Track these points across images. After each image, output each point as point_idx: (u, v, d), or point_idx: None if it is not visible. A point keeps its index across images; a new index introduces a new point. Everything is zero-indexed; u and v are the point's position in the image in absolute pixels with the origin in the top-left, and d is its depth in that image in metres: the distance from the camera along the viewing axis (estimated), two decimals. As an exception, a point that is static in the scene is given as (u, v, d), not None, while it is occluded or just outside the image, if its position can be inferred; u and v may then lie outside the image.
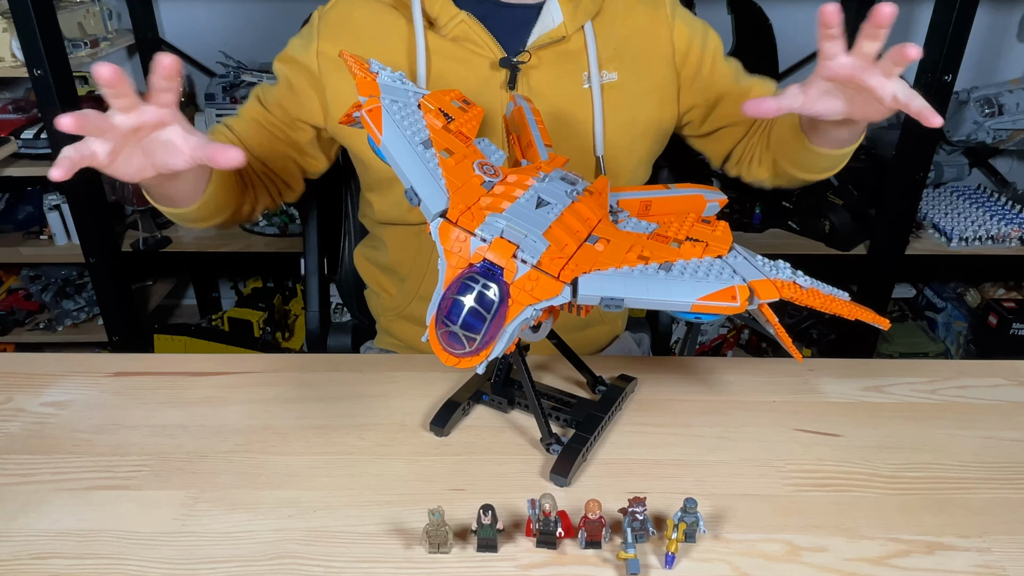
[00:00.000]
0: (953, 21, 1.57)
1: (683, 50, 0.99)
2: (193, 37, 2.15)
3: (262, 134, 0.99)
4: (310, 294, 1.22)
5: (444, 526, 0.62)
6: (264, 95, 1.00)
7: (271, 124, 0.99)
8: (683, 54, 0.99)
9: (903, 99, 0.71)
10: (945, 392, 0.86)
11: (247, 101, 1.01)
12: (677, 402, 0.83)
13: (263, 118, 0.99)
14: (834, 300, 0.65)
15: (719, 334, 2.24)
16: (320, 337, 1.21)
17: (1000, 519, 0.68)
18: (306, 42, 0.96)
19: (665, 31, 0.98)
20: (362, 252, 1.14)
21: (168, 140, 0.72)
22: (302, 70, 0.96)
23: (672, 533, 0.61)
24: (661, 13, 0.99)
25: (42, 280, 2.14)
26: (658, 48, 0.98)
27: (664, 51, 0.99)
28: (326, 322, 1.23)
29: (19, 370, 0.89)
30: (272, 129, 0.99)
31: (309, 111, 0.97)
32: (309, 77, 0.96)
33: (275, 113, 0.98)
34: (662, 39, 0.98)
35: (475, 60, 0.93)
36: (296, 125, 0.99)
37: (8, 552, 0.64)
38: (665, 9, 0.99)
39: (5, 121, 1.89)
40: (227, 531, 0.66)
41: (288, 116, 0.98)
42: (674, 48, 0.99)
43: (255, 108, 1.00)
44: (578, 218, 0.66)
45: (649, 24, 0.98)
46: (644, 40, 0.98)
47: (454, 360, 0.62)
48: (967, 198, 2.06)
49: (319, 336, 1.21)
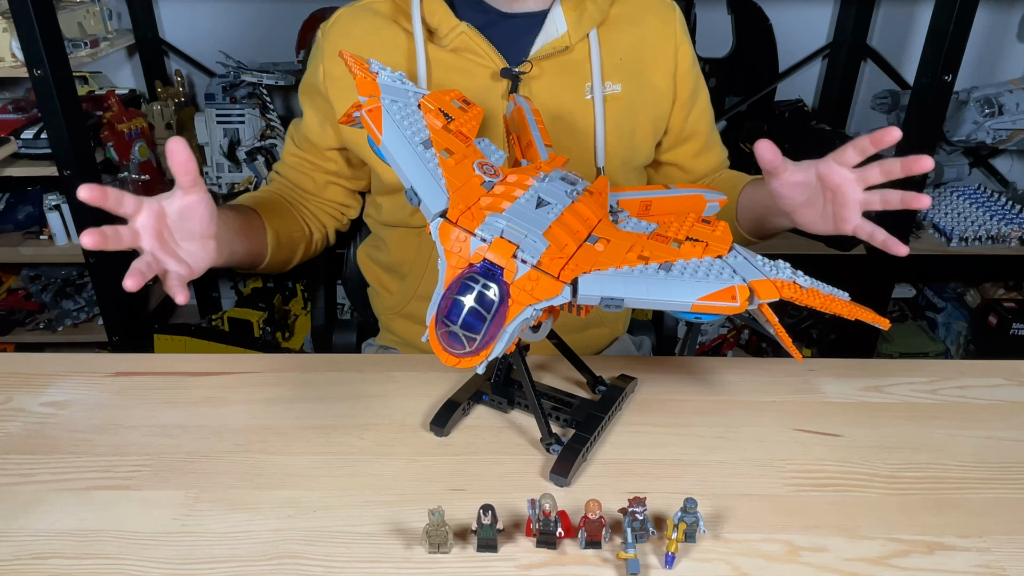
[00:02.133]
0: (953, 21, 1.57)
1: (685, 71, 1.00)
2: (193, 37, 2.15)
3: (302, 174, 1.04)
4: (316, 292, 1.24)
5: (444, 526, 0.62)
6: (296, 132, 1.04)
7: (306, 161, 1.04)
8: (684, 74, 1.00)
9: (867, 232, 0.74)
10: (945, 392, 0.86)
11: (285, 140, 1.07)
12: (677, 402, 0.83)
13: (298, 157, 1.04)
14: (834, 300, 0.65)
15: (719, 334, 2.24)
16: (325, 334, 1.23)
17: (1000, 519, 0.68)
18: (315, 65, 0.99)
19: (671, 46, 0.99)
20: (365, 251, 1.15)
21: (183, 207, 0.72)
22: (316, 94, 0.99)
23: (672, 533, 0.61)
24: (670, 28, 0.99)
25: (42, 280, 2.14)
26: (663, 61, 0.99)
27: (668, 65, 0.99)
28: (332, 319, 1.25)
29: (19, 370, 0.89)
30: (307, 167, 1.04)
31: (329, 135, 1.00)
32: (322, 100, 0.98)
33: (305, 149, 1.03)
34: (667, 53, 0.99)
35: (476, 70, 0.93)
36: (325, 156, 1.03)
37: (8, 552, 0.64)
38: (674, 25, 0.99)
39: (5, 121, 1.89)
40: (227, 531, 0.66)
41: (316, 149, 1.02)
42: (677, 65, 0.99)
43: (290, 148, 1.05)
44: (578, 218, 0.66)
45: (657, 36, 0.98)
46: (650, 51, 0.98)
47: (454, 360, 0.62)
48: (967, 198, 2.06)
49: (324, 333, 1.23)
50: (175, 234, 0.73)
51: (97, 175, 1.82)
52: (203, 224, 0.74)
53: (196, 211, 0.72)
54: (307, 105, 1.01)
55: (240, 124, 1.98)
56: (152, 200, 0.71)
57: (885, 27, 2.13)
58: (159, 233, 0.71)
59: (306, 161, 1.04)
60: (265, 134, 2.00)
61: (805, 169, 0.75)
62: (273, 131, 2.01)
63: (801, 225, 0.80)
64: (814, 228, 0.78)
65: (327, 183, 1.05)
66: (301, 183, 1.05)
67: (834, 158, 0.73)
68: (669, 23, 0.99)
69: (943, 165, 2.08)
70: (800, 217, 0.78)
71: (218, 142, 2.00)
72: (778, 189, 0.77)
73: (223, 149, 2.00)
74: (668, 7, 1.00)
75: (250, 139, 1.98)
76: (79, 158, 1.72)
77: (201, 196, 0.72)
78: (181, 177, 0.70)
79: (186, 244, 0.74)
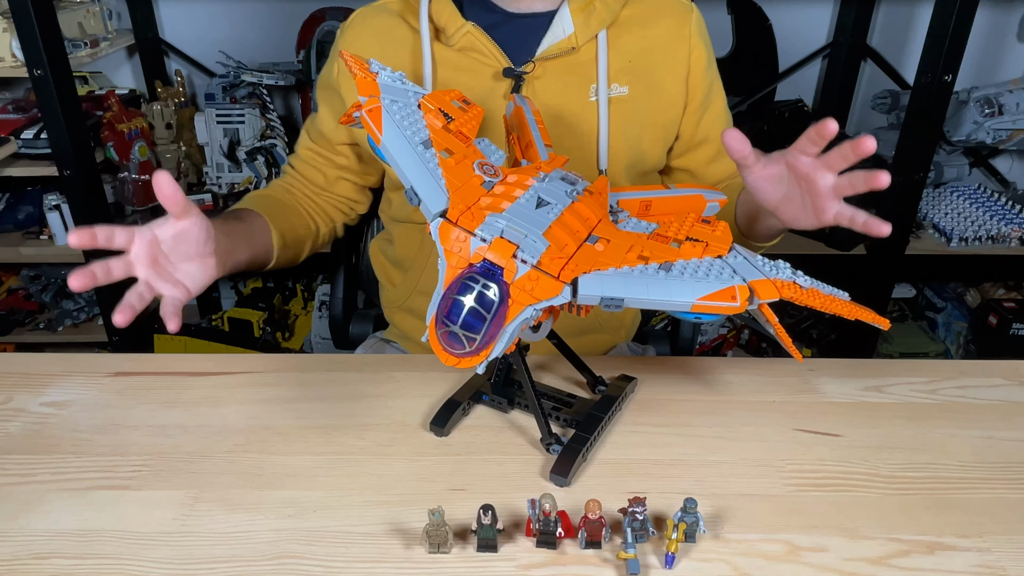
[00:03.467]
0: (953, 21, 1.57)
1: (699, 75, 0.98)
2: (193, 37, 2.15)
3: (313, 168, 1.06)
4: (336, 283, 1.27)
5: (444, 526, 0.62)
6: (311, 126, 1.06)
7: (318, 155, 1.05)
8: (698, 78, 0.98)
9: (847, 216, 0.72)
10: (945, 392, 0.86)
11: (301, 134, 1.08)
12: (677, 402, 0.83)
13: (311, 151, 1.06)
14: (834, 300, 0.65)
15: (719, 334, 2.24)
16: (343, 324, 1.25)
17: (1000, 519, 0.68)
18: (331, 61, 1.00)
19: (684, 49, 0.97)
20: (377, 245, 1.16)
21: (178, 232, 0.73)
22: (330, 89, 1.00)
23: (672, 533, 0.61)
24: (684, 30, 0.97)
25: (42, 280, 2.14)
26: (675, 64, 0.97)
27: (680, 69, 0.97)
28: (350, 309, 1.27)
29: (19, 370, 0.89)
30: (320, 162, 1.05)
31: (341, 130, 1.01)
32: (336, 96, 1.00)
33: (319, 143, 1.05)
34: (679, 57, 0.97)
35: (480, 70, 0.93)
36: (337, 150, 1.04)
37: (8, 552, 0.64)
38: (689, 27, 0.97)
39: (5, 121, 1.89)
40: (227, 531, 0.66)
41: (329, 143, 1.03)
42: (690, 69, 0.97)
43: (304, 142, 1.07)
44: (578, 218, 0.66)
45: (671, 39, 0.96)
46: (662, 55, 0.96)
47: (454, 360, 0.62)
48: (967, 198, 2.06)
49: (342, 323, 1.25)
50: (171, 257, 0.73)
51: (97, 175, 1.82)
52: (199, 245, 0.74)
53: (190, 234, 0.73)
54: (322, 101, 1.03)
55: (240, 124, 1.98)
56: (145, 228, 0.71)
57: (885, 27, 2.13)
58: (154, 260, 0.71)
59: (318, 155, 1.05)
60: (265, 134, 2.00)
61: (776, 161, 0.73)
62: (273, 131, 2.02)
63: (787, 223, 0.78)
64: (799, 223, 0.77)
65: (338, 178, 1.06)
66: (312, 177, 1.06)
67: (796, 147, 0.72)
68: (684, 25, 0.97)
69: (943, 165, 2.08)
70: (783, 214, 0.77)
71: (218, 142, 2.00)
72: (754, 183, 0.76)
73: (223, 149, 2.00)
74: (685, 8, 0.98)
75: (250, 139, 1.98)
76: (79, 158, 1.72)
77: (194, 220, 0.73)
78: (170, 208, 0.71)
79: (184, 266, 0.74)
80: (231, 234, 0.87)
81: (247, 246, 0.92)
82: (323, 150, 1.04)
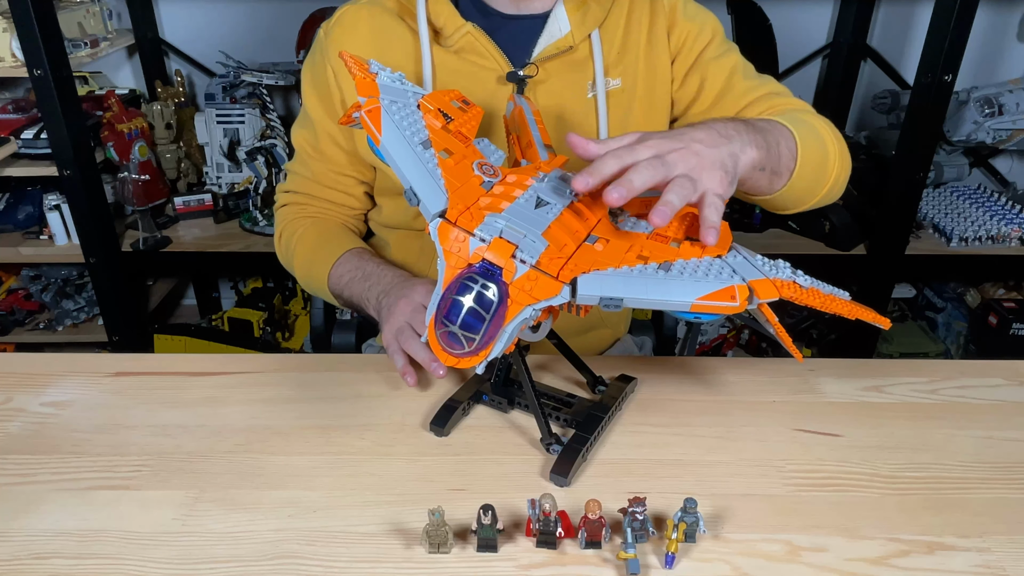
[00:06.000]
0: (953, 21, 1.57)
1: (677, 45, 0.96)
2: (193, 37, 2.15)
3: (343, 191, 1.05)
4: None
5: (444, 526, 0.62)
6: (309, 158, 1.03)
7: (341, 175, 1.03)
8: (686, 51, 0.96)
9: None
10: (945, 392, 0.86)
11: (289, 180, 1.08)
12: (677, 402, 0.83)
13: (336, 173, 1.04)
14: (834, 300, 0.65)
15: (719, 334, 2.24)
16: (324, 334, 1.23)
17: (1000, 519, 0.68)
18: (318, 66, 0.97)
19: (663, 24, 0.96)
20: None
21: None
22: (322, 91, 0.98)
23: (672, 533, 0.61)
24: (659, 5, 0.96)
25: (42, 280, 2.14)
26: (656, 45, 0.96)
27: (661, 47, 0.96)
28: (331, 319, 1.25)
29: (19, 370, 0.89)
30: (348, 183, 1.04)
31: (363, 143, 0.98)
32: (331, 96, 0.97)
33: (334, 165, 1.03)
34: (660, 35, 0.96)
35: (481, 74, 0.93)
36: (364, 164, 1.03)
37: (8, 552, 0.64)
38: (663, 2, 0.96)
39: (5, 121, 1.90)
40: (227, 531, 0.66)
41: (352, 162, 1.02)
42: (669, 43, 0.96)
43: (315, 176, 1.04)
44: (577, 218, 0.66)
45: (649, 20, 0.96)
46: (643, 37, 0.96)
47: (453, 360, 0.62)
48: (967, 198, 2.06)
49: (323, 333, 1.23)
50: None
51: (97, 175, 1.82)
52: None
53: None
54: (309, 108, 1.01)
55: (240, 124, 1.98)
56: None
57: (885, 27, 2.13)
58: None
59: (341, 175, 1.03)
60: (265, 134, 2.00)
61: None
62: (273, 131, 2.01)
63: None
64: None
65: (364, 193, 1.06)
66: (345, 202, 1.06)
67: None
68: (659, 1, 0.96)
69: (943, 165, 2.08)
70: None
71: (218, 142, 2.00)
72: None
73: (223, 149, 2.01)
74: None
75: (250, 139, 1.99)
76: (79, 158, 1.73)
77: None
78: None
79: None
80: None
81: None
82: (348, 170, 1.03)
